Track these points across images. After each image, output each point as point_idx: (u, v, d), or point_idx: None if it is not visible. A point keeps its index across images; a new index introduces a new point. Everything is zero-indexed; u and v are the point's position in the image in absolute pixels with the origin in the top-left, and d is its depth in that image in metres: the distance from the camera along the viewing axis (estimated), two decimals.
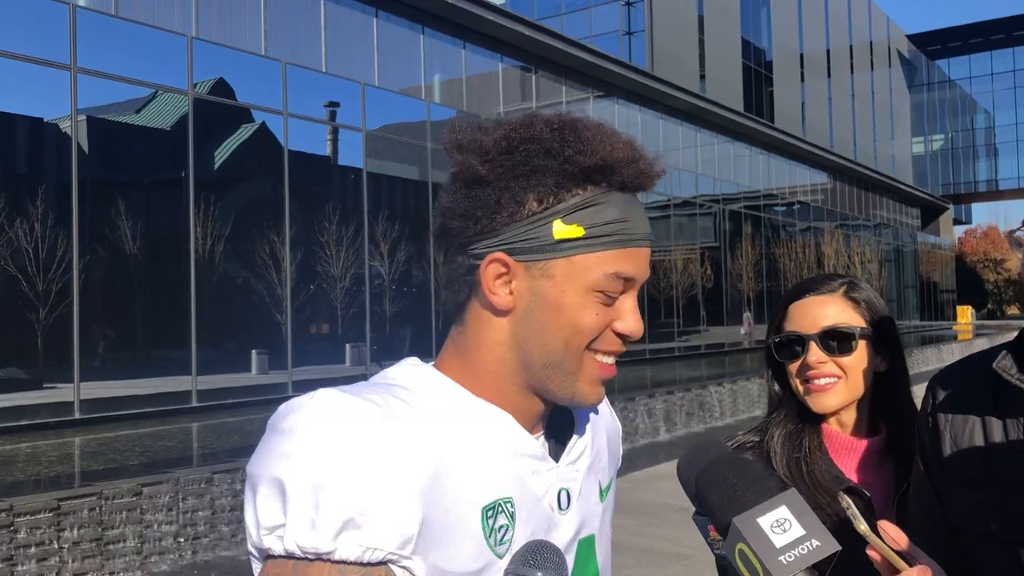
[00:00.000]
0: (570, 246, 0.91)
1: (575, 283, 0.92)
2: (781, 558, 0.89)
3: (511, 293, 0.93)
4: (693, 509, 1.17)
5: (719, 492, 0.97)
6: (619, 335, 0.96)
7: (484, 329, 0.95)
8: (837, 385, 1.55)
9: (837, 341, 1.55)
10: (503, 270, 0.92)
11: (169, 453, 8.63)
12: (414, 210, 16.47)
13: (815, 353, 1.55)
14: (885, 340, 1.61)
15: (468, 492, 0.88)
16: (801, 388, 1.58)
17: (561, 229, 0.91)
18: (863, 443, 1.58)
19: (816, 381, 1.56)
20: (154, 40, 12.27)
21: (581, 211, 0.91)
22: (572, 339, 0.93)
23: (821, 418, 1.59)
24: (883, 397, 1.61)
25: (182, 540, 6.32)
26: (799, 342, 1.58)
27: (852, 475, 1.54)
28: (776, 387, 1.66)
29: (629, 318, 0.95)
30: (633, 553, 5.76)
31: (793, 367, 1.59)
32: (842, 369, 1.55)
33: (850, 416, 1.59)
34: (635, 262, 0.94)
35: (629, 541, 5.91)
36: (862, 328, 1.57)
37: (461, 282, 0.95)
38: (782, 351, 1.61)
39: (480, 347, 0.95)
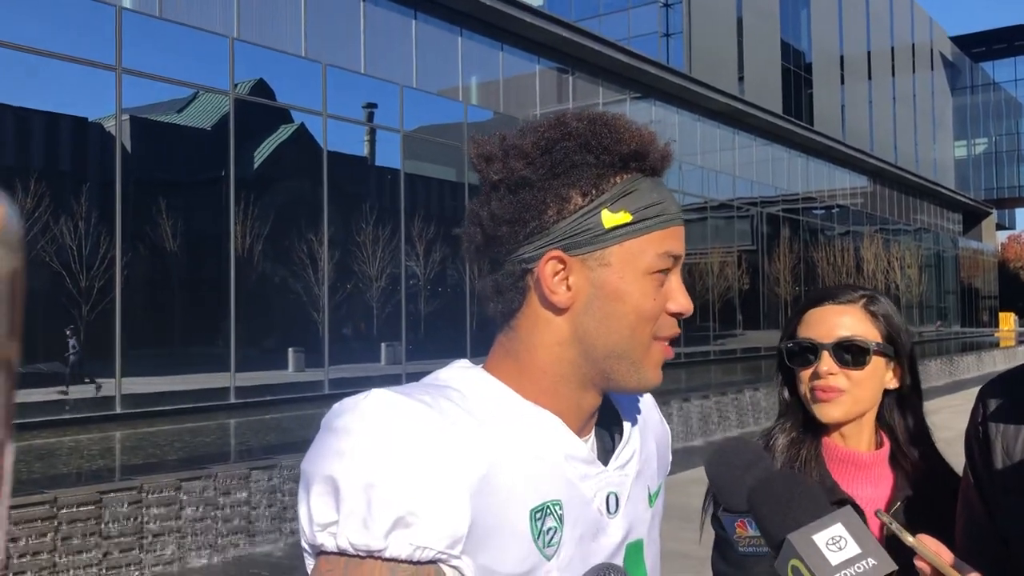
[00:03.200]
0: (621, 233, 0.94)
1: (632, 267, 0.94)
2: None
3: (569, 289, 0.94)
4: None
5: (772, 507, 0.98)
6: (673, 315, 0.98)
7: (540, 331, 0.96)
8: (844, 397, 1.53)
9: (851, 354, 1.53)
10: (560, 267, 0.93)
11: (208, 448, 8.74)
12: (450, 211, 16.53)
13: (827, 363, 1.53)
14: (900, 357, 1.58)
15: (517, 494, 0.88)
16: (809, 396, 1.57)
17: (610, 218, 0.93)
18: (863, 456, 1.56)
19: (825, 391, 1.54)
20: (197, 41, 12.44)
21: (624, 198, 0.94)
22: (638, 327, 0.94)
23: (824, 428, 1.58)
24: (890, 413, 1.59)
25: (220, 535, 6.40)
26: (812, 350, 1.56)
27: (848, 488, 1.52)
28: (786, 393, 1.65)
29: (680, 296, 0.97)
30: (669, 558, 5.73)
31: (804, 374, 1.57)
32: (852, 382, 1.53)
33: (853, 429, 1.57)
34: (678, 240, 0.98)
35: (664, 546, 5.89)
36: (878, 343, 1.54)
37: (512, 290, 0.96)
38: (794, 358, 1.59)
39: (535, 349, 0.96)
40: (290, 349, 13.42)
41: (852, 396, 1.54)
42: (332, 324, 13.85)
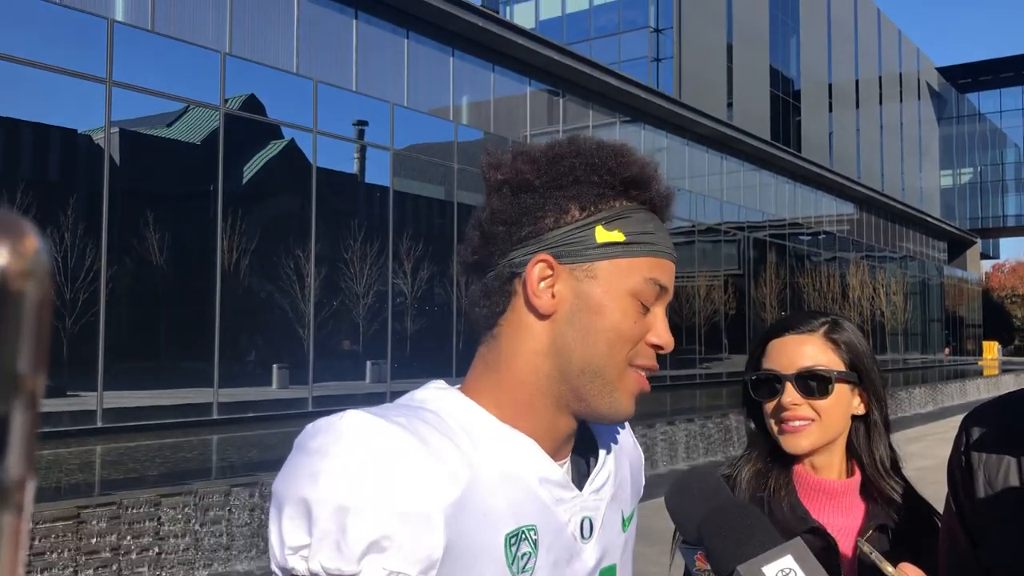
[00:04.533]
0: (613, 250, 0.96)
1: (618, 285, 0.95)
2: None
3: (554, 296, 0.95)
4: None
5: (723, 538, 0.98)
6: (653, 347, 0.98)
7: (520, 338, 0.96)
8: (811, 427, 1.53)
9: (814, 383, 1.53)
10: (548, 272, 0.95)
11: (189, 465, 8.67)
12: (439, 229, 16.54)
13: (790, 394, 1.53)
14: (865, 383, 1.58)
15: (492, 518, 0.88)
16: (775, 428, 1.56)
17: (603, 234, 0.95)
18: (834, 485, 1.56)
19: (790, 423, 1.53)
20: (188, 55, 12.45)
21: (619, 220, 0.97)
22: (615, 344, 0.95)
23: (793, 458, 1.57)
24: (859, 439, 1.59)
25: (199, 552, 6.34)
26: (776, 381, 1.55)
27: (820, 516, 1.51)
28: (752, 424, 1.64)
29: (661, 330, 0.98)
30: None
31: (768, 406, 1.57)
32: (817, 412, 1.53)
33: (822, 458, 1.57)
34: (667, 272, 0.99)
35: (645, 570, 5.85)
36: (840, 371, 1.54)
37: (498, 293, 0.97)
38: (758, 389, 1.59)
39: (514, 358, 0.96)
40: (274, 365, 13.36)
41: (819, 426, 1.53)
42: (317, 341, 13.80)
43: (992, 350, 49.81)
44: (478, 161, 1.03)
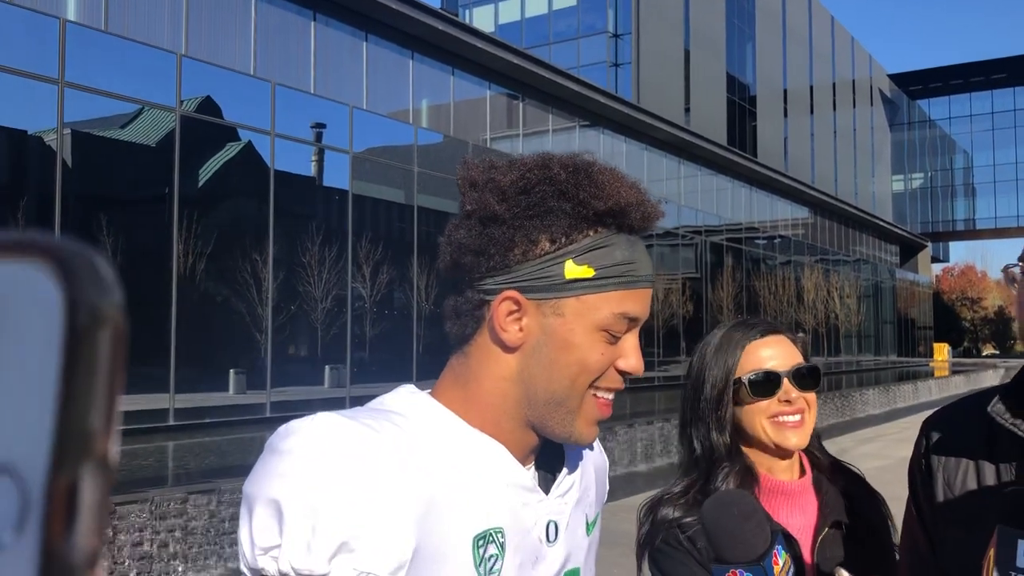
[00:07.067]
0: (580, 286, 0.94)
1: (584, 321, 0.95)
2: None
3: (521, 330, 0.95)
4: None
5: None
6: (621, 372, 0.99)
7: (489, 363, 0.97)
8: (806, 421, 1.57)
9: (807, 378, 1.58)
10: (515, 308, 0.95)
11: (145, 472, 8.53)
12: (398, 233, 16.47)
13: (791, 389, 1.57)
14: None
15: (461, 520, 0.89)
16: (769, 428, 1.56)
17: (572, 270, 0.94)
18: (791, 485, 1.59)
19: (790, 418, 1.56)
20: (143, 56, 12.27)
21: (591, 252, 0.95)
22: (578, 377, 0.95)
23: (751, 467, 1.59)
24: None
25: (155, 561, 6.25)
26: (773, 380, 1.58)
27: (779, 518, 1.54)
28: (727, 436, 1.58)
29: (632, 356, 0.98)
30: None
31: (763, 405, 1.58)
32: (808, 405, 1.58)
33: (787, 459, 1.61)
34: (640, 302, 0.98)
35: (606, 571, 5.87)
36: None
37: (468, 316, 0.97)
38: (757, 388, 1.59)
39: (482, 380, 0.97)
40: (232, 370, 13.20)
41: (811, 417, 1.59)
42: (275, 345, 13.66)
43: (943, 352, 50.79)
44: (453, 171, 1.02)
